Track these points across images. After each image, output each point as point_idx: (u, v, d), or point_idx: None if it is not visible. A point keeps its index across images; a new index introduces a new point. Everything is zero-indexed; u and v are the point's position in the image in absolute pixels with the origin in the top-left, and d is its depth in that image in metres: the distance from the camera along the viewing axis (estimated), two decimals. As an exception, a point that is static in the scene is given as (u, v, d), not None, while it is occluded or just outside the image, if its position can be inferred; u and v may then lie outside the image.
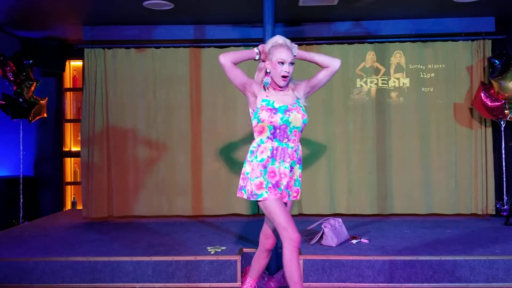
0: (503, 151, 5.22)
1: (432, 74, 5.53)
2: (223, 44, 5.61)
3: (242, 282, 3.20)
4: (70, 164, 6.63)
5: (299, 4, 4.76)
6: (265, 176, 2.68)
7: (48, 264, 3.72)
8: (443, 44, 5.51)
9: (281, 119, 2.66)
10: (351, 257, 3.71)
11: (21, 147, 5.78)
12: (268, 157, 2.70)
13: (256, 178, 2.68)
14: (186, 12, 5.09)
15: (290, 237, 2.60)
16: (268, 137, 2.70)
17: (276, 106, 2.70)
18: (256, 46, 5.92)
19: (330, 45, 5.56)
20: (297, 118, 2.69)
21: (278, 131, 2.69)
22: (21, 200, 5.66)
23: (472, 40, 5.46)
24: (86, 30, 5.58)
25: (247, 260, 3.86)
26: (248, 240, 4.31)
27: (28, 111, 5.63)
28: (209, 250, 3.93)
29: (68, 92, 6.65)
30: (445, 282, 3.62)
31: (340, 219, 4.30)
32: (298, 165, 2.78)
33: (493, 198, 5.37)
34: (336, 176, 5.53)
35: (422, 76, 5.53)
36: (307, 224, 4.45)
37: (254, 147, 2.76)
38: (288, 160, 2.71)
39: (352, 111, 5.57)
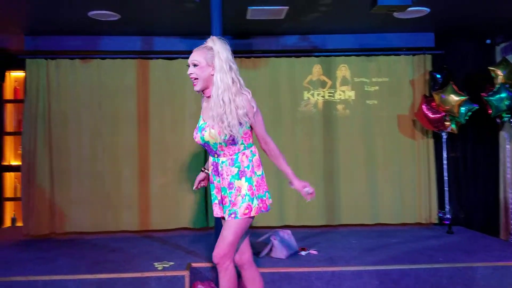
0: (445, 162, 5.43)
1: (376, 87, 5.70)
2: (171, 56, 5.56)
3: None
4: (9, 179, 6.29)
5: (247, 17, 4.79)
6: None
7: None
8: (386, 58, 5.70)
9: (201, 138, 2.61)
10: (300, 269, 3.72)
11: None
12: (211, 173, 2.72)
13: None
14: (132, 23, 5.00)
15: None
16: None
17: (199, 124, 2.67)
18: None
19: (278, 58, 5.62)
20: (212, 135, 2.53)
21: (207, 148, 2.66)
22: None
23: (413, 55, 5.69)
24: (28, 40, 5.35)
25: (195, 275, 3.79)
26: (196, 254, 4.23)
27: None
28: (156, 266, 3.82)
29: (9, 104, 6.33)
30: (391, 291, 3.71)
31: (289, 231, 4.31)
32: (241, 179, 2.59)
33: (436, 207, 5.57)
34: (284, 188, 5.54)
35: (366, 89, 5.69)
36: (256, 237, 4.43)
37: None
38: (223, 175, 2.61)
39: (300, 123, 5.63)
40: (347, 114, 5.66)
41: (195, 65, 2.55)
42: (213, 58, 2.53)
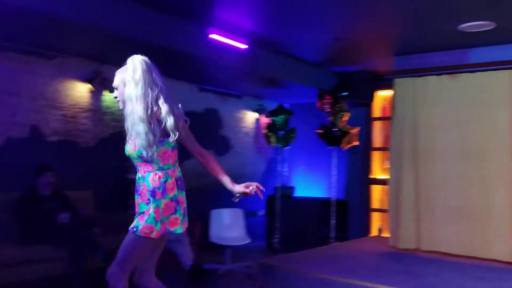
0: None
1: None
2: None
3: None
4: (376, 191, 6.80)
5: None
6: None
7: (356, 287, 3.83)
8: None
9: (125, 151, 2.56)
10: None
11: (334, 172, 6.30)
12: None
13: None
14: (509, 31, 4.53)
15: None
16: None
17: None
18: None
19: None
20: (130, 148, 2.50)
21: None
22: (334, 221, 6.13)
23: None
24: (396, 60, 5.69)
25: None
26: None
27: (340, 139, 6.12)
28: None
29: (376, 121, 6.88)
30: None
31: None
32: (152, 199, 2.44)
33: None
34: None
35: None
36: None
37: None
38: (139, 192, 2.52)
39: None
40: None
41: (116, 89, 2.55)
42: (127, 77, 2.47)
